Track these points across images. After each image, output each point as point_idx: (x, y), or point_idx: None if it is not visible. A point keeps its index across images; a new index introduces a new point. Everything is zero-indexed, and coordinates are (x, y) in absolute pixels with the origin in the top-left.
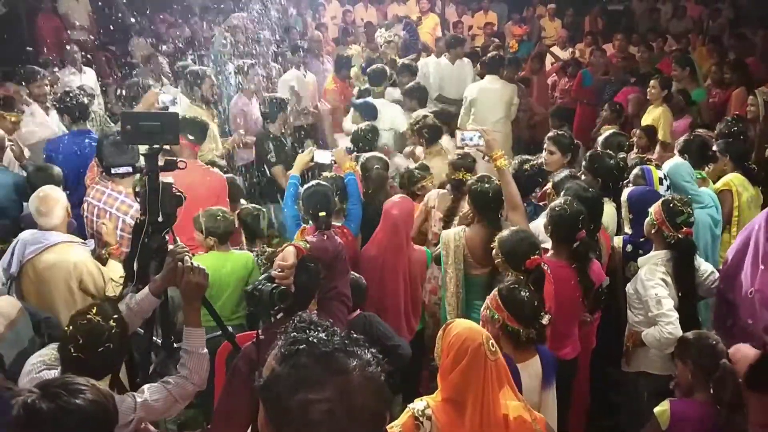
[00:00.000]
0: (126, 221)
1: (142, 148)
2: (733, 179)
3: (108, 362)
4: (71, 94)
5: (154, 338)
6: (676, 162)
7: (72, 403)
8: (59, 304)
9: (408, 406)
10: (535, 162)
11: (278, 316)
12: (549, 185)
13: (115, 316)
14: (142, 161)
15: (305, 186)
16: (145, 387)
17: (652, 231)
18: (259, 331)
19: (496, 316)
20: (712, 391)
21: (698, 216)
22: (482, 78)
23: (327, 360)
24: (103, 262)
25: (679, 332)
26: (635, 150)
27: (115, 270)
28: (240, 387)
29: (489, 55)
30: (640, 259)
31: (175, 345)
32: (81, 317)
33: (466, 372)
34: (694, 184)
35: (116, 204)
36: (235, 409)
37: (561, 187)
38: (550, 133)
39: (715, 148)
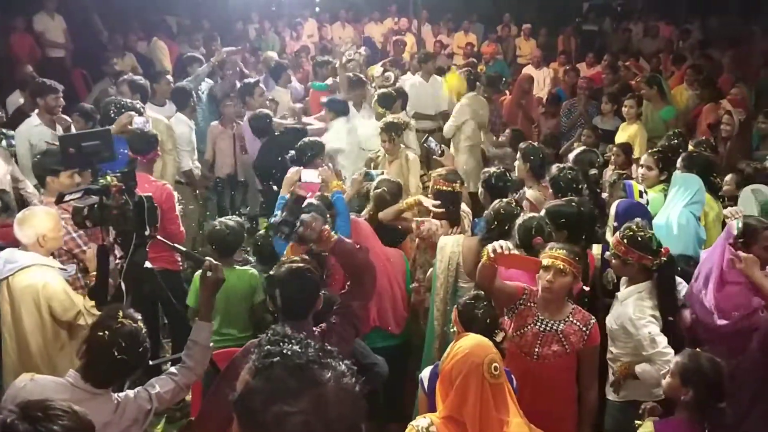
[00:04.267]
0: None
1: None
2: None
3: (141, 362)
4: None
5: None
6: (688, 174)
7: (50, 429)
8: (29, 331)
9: (411, 423)
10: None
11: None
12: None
13: (138, 317)
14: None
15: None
16: (154, 380)
17: (633, 270)
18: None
19: (453, 329)
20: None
21: (691, 220)
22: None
23: (301, 372)
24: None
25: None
26: (612, 167)
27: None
28: (226, 394)
29: (462, 71)
30: (620, 294)
31: (150, 363)
32: (113, 321)
33: (461, 388)
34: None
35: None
36: (218, 411)
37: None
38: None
39: (679, 163)
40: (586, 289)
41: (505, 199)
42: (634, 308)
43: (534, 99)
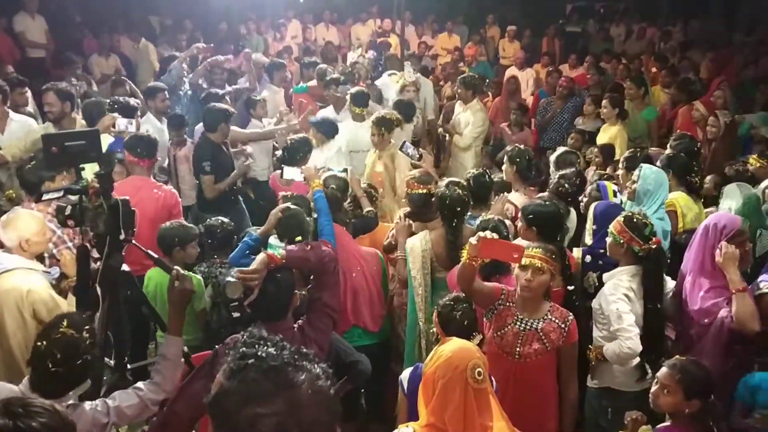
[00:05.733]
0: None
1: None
2: (678, 199)
3: (83, 374)
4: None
5: (106, 359)
6: (659, 170)
7: (29, 425)
8: (11, 331)
9: None
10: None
11: (235, 314)
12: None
13: (87, 326)
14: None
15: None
16: (116, 393)
17: (621, 250)
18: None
19: (432, 330)
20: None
21: (657, 226)
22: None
23: (276, 374)
24: (65, 295)
25: (639, 347)
26: (594, 168)
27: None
28: (197, 389)
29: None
30: (605, 275)
31: (128, 366)
32: (54, 331)
33: (444, 393)
34: (666, 195)
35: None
36: (188, 406)
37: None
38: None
39: (658, 163)
40: (570, 288)
41: (449, 181)
42: (610, 286)
43: (522, 99)
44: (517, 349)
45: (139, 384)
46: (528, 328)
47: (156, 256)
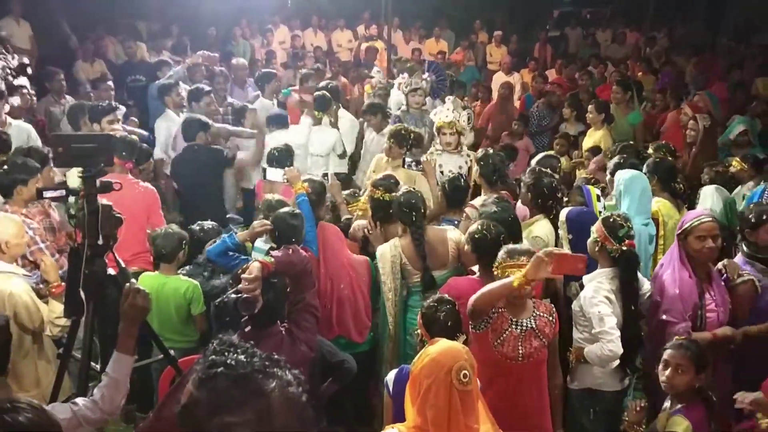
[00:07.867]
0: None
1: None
2: (661, 207)
3: None
4: None
5: (92, 364)
6: (634, 173)
7: (16, 419)
8: None
9: None
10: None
11: (246, 329)
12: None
13: None
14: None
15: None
16: (53, 404)
17: (596, 249)
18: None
19: (417, 332)
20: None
21: (639, 230)
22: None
23: (245, 382)
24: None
25: (620, 350)
26: (580, 171)
27: (57, 311)
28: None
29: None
30: (585, 277)
31: None
32: None
33: (428, 394)
34: (646, 198)
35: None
36: (172, 416)
37: (485, 211)
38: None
39: (644, 168)
40: None
41: (402, 188)
42: (591, 288)
43: (514, 105)
44: (520, 351)
45: (78, 399)
46: (525, 329)
47: (123, 264)
